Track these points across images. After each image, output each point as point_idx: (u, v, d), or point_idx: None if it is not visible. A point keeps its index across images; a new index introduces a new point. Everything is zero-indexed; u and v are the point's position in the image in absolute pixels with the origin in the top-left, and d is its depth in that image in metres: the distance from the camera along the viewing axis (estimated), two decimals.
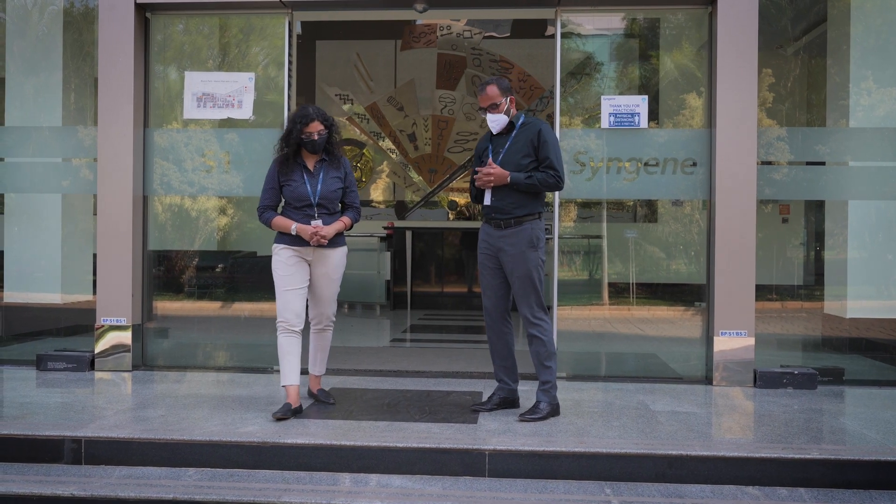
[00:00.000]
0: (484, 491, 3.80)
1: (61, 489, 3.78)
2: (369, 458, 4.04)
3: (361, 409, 4.88)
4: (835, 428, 4.53)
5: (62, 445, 4.17)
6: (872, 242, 6.97)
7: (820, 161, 6.39)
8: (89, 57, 7.38)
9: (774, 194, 6.46)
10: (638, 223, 7.17)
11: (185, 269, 7.01)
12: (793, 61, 7.30)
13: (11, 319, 7.35)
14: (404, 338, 8.49)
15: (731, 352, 5.76)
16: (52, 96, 7.20)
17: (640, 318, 6.60)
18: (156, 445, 4.15)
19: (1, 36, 7.39)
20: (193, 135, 6.44)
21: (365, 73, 13.14)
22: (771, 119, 6.85)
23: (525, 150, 4.61)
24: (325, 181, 4.73)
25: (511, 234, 4.63)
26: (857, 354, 6.91)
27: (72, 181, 6.77)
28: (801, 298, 7.40)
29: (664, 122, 6.47)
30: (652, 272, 6.72)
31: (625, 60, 6.80)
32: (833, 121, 6.79)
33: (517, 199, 4.62)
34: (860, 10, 6.81)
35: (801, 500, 3.72)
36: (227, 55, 7.02)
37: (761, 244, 7.31)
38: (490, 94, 4.61)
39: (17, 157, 6.90)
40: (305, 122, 4.61)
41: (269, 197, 4.79)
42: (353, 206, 4.90)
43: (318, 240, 4.64)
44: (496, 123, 4.67)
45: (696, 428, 4.49)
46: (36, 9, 7.44)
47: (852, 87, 6.76)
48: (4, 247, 7.32)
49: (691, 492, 3.81)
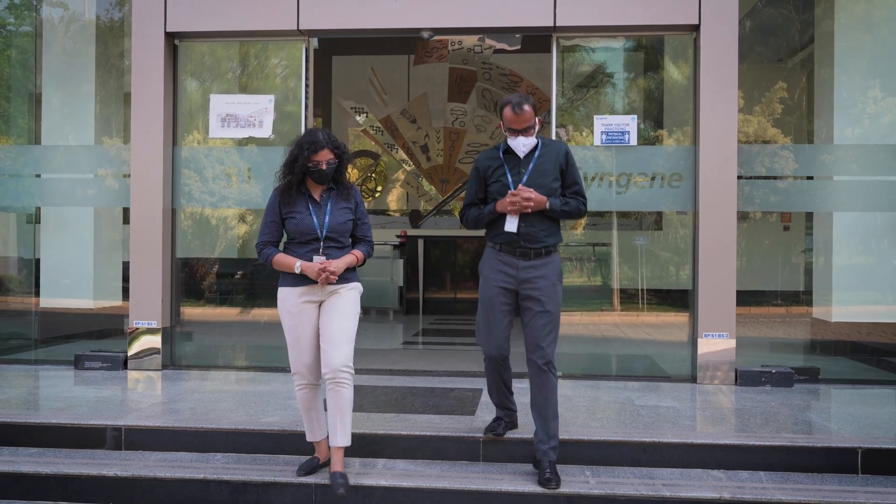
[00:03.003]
0: (477, 473, 4.29)
1: (105, 470, 4.31)
2: (377, 445, 4.54)
3: (371, 402, 5.37)
4: (799, 420, 4.98)
5: (105, 433, 4.70)
6: (856, 251, 7.41)
7: (808, 175, 6.84)
8: (114, 69, 7.99)
9: (760, 205, 6.89)
10: (631, 232, 7.63)
11: (207, 276, 7.55)
12: (789, 77, 7.76)
13: (46, 323, 7.91)
14: (416, 341, 8.99)
15: (714, 352, 6.21)
16: (84, 113, 7.80)
17: (632, 322, 7.06)
18: (187, 433, 4.67)
19: (36, 52, 8.00)
20: (217, 152, 6.98)
21: (379, 87, 13.69)
22: (776, 128, 7.31)
23: (554, 174, 4.23)
24: (334, 212, 4.14)
25: (542, 265, 4.19)
26: (841, 356, 7.34)
27: (103, 195, 7.33)
28: (794, 303, 7.87)
29: (653, 139, 6.94)
30: (644, 278, 7.19)
31: (617, 82, 7.28)
32: (821, 137, 7.25)
33: (548, 226, 4.22)
34: (843, 32, 7.27)
35: (760, 481, 4.18)
36: (248, 77, 7.58)
37: (763, 251, 7.84)
38: (528, 115, 4.17)
39: (53, 174, 7.48)
40: (314, 149, 4.05)
41: (270, 231, 4.20)
42: (366, 238, 4.32)
43: (327, 277, 4.04)
44: (528, 146, 4.22)
45: (672, 419, 4.96)
46: (63, 24, 8.04)
47: (836, 106, 7.23)
48: (41, 255, 7.90)
49: (662, 474, 4.28)
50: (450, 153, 13.73)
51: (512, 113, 4.17)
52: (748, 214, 7.19)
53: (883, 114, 7.22)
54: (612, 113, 7.08)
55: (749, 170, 6.55)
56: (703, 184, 6.24)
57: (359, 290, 4.25)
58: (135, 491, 4.23)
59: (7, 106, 8.36)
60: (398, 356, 7.60)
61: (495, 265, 4.27)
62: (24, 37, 8.23)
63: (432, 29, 6.64)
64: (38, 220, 7.94)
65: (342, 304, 4.12)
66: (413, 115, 13.67)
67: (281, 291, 4.18)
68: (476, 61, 12.88)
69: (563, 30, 6.45)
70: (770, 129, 7.26)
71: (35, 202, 7.64)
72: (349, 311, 4.13)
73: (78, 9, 8.06)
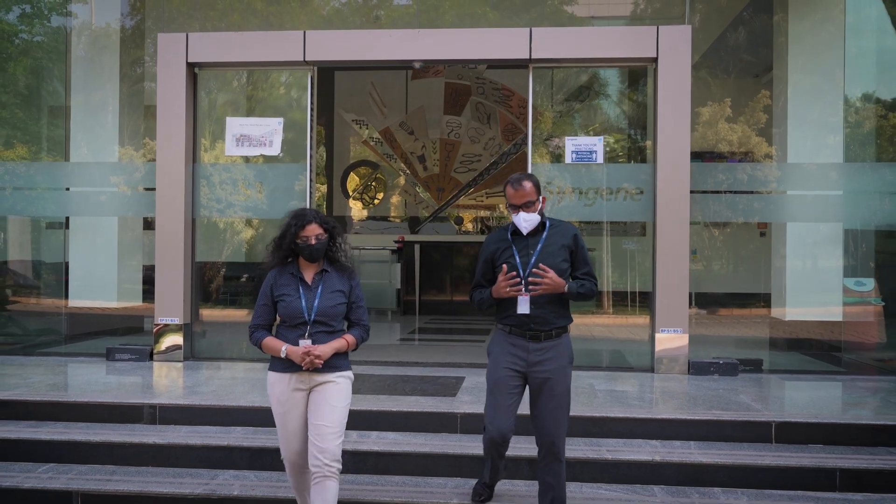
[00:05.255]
0: (455, 442, 5.15)
1: (145, 438, 5.18)
2: (371, 420, 5.40)
3: (368, 387, 6.24)
4: (730, 401, 5.84)
5: (142, 410, 5.57)
6: (806, 257, 8.30)
7: (763, 189, 7.72)
8: (135, 85, 8.93)
9: (713, 216, 7.76)
10: (601, 238, 8.49)
11: (221, 278, 8.43)
12: (755, 99, 8.70)
13: (74, 322, 8.79)
14: (411, 337, 9.86)
15: (669, 346, 7.07)
16: (108, 128, 8.76)
17: (602, 322, 7.95)
18: (211, 410, 5.54)
19: (67, 70, 8.92)
20: (233, 168, 7.85)
21: (379, 101, 14.56)
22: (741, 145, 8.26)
23: (563, 255, 4.15)
24: (324, 295, 4.02)
25: (552, 348, 4.13)
26: (794, 351, 8.22)
27: (125, 205, 8.28)
28: (757, 304, 8.80)
29: (618, 157, 7.83)
30: (613, 282, 8.08)
31: (585, 106, 8.18)
32: (777, 156, 8.17)
33: (558, 307, 4.16)
34: (796, 59, 8.17)
35: (689, 447, 5.04)
36: (258, 101, 8.49)
37: (741, 257, 8.82)
38: (526, 190, 4.11)
39: (80, 187, 8.40)
40: (301, 223, 3.97)
41: (262, 315, 4.12)
42: (360, 323, 4.21)
43: (311, 361, 3.90)
44: (529, 223, 4.12)
45: (624, 401, 5.82)
46: (90, 39, 8.97)
47: (790, 127, 8.13)
48: (69, 259, 8.80)
49: (608, 443, 5.14)
50: (445, 163, 14.59)
51: (512, 189, 4.14)
52: (728, 223, 8.15)
53: (826, 135, 8.11)
54: (583, 134, 7.97)
55: (702, 184, 7.41)
56: (660, 197, 7.09)
57: (350, 378, 4.11)
58: (170, 456, 5.09)
59: (38, 122, 9.31)
60: (394, 350, 8.47)
61: (505, 347, 4.16)
62: (54, 53, 9.20)
63: (423, 60, 7.52)
64: (67, 227, 8.85)
65: (332, 394, 3.97)
66: (411, 127, 14.54)
67: (270, 377, 4.07)
68: (470, 76, 13.77)
69: (538, 61, 7.31)
70: (743, 144, 8.23)
71: (65, 212, 8.57)
72: (339, 403, 3.98)
73: (101, 23, 9.01)
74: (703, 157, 8.65)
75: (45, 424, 5.46)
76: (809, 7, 8.26)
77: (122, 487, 4.70)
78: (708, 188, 7.46)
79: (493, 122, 14.26)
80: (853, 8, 8.25)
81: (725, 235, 9.08)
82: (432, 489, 4.71)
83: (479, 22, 8.55)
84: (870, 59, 8.40)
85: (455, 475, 4.90)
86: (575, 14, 9.26)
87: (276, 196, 7.72)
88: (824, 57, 8.22)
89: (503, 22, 8.60)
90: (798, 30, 8.30)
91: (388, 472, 4.95)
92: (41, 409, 5.61)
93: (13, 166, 8.45)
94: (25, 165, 8.50)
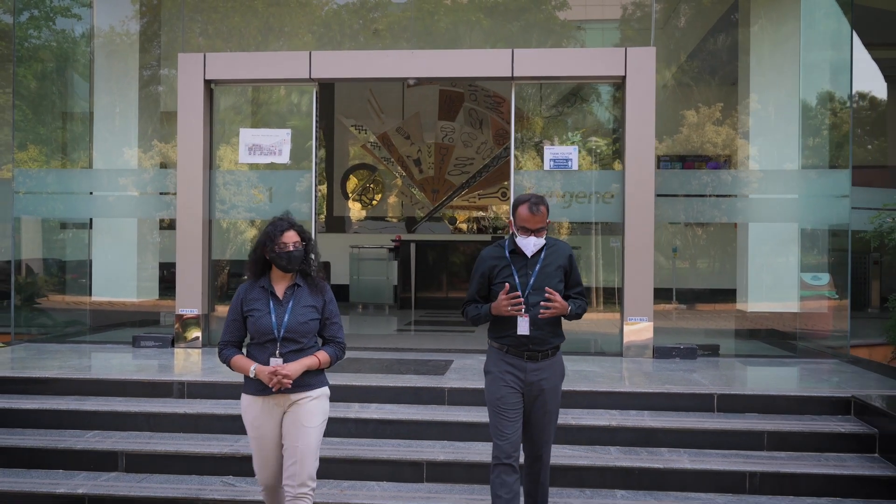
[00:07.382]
0: (444, 412, 6.01)
1: (176, 409, 6.04)
2: (371, 394, 6.26)
3: (367, 368, 7.10)
4: (682, 378, 6.70)
5: (172, 386, 6.42)
6: (766, 254, 9.16)
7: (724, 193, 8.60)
8: (152, 93, 9.84)
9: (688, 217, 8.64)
10: (574, 237, 9.34)
11: (231, 273, 9.29)
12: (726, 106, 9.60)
13: (97, 315, 9.64)
14: (407, 328, 10.72)
15: (636, 334, 7.92)
16: (129, 134, 9.64)
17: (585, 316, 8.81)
18: (231, 386, 6.38)
19: (91, 79, 9.78)
20: (245, 174, 8.70)
21: (377, 107, 15.44)
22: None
23: (559, 275, 4.19)
24: (295, 310, 3.90)
25: (548, 367, 4.20)
26: (756, 339, 9.09)
27: (144, 208, 9.19)
28: (725, 298, 9.72)
29: (592, 164, 8.70)
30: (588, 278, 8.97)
31: (563, 117, 9.06)
32: (739, 163, 9.06)
33: (555, 327, 4.21)
34: (757, 71, 9.06)
35: (642, 416, 5.90)
36: (268, 113, 9.37)
37: (711, 256, 9.75)
38: (544, 216, 4.10)
39: (103, 192, 9.27)
40: (280, 229, 3.89)
41: (232, 331, 4.00)
42: (335, 339, 4.05)
43: (279, 381, 3.77)
44: (537, 247, 4.15)
45: (590, 378, 6.68)
46: (112, 49, 9.86)
47: (752, 136, 9.01)
48: (93, 258, 9.66)
49: (573, 412, 5.98)
50: (440, 166, 15.46)
51: (528, 213, 4.08)
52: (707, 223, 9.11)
53: (784, 144, 8.97)
54: (569, 137, 8.85)
55: (667, 189, 8.28)
56: (628, 201, 7.94)
57: (325, 395, 4.02)
58: (198, 423, 5.94)
59: (65, 129, 10.21)
60: (392, 339, 9.33)
61: (502, 366, 4.17)
62: (76, 62, 10.09)
63: (416, 78, 8.39)
64: (90, 228, 9.71)
65: (305, 416, 3.88)
66: (407, 132, 15.42)
67: (243, 399, 3.96)
68: (463, 84, 14.63)
69: (519, 78, 8.17)
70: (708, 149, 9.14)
71: (88, 214, 9.45)
72: (312, 423, 3.89)
73: (121, 30, 9.89)
74: (685, 162, 9.60)
75: (89, 399, 6.31)
76: (772, 24, 9.14)
77: (160, 448, 5.57)
78: (678, 192, 8.32)
79: (485, 127, 15.15)
80: (808, 24, 9.10)
81: (696, 235, 9.99)
82: (423, 448, 5.57)
83: (473, 28, 9.46)
84: (823, 73, 9.25)
85: (443, 438, 5.76)
86: (567, 20, 10.11)
87: (282, 197, 8.56)
88: (783, 71, 9.09)
89: (495, 28, 9.49)
90: (759, 46, 9.18)
91: (386, 437, 5.81)
92: (85, 386, 6.46)
93: (44, 173, 9.32)
94: (56, 173, 9.38)
